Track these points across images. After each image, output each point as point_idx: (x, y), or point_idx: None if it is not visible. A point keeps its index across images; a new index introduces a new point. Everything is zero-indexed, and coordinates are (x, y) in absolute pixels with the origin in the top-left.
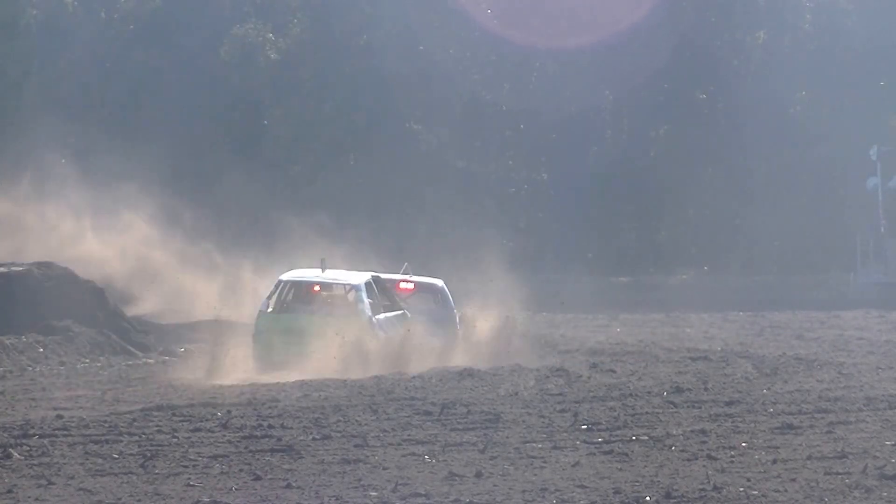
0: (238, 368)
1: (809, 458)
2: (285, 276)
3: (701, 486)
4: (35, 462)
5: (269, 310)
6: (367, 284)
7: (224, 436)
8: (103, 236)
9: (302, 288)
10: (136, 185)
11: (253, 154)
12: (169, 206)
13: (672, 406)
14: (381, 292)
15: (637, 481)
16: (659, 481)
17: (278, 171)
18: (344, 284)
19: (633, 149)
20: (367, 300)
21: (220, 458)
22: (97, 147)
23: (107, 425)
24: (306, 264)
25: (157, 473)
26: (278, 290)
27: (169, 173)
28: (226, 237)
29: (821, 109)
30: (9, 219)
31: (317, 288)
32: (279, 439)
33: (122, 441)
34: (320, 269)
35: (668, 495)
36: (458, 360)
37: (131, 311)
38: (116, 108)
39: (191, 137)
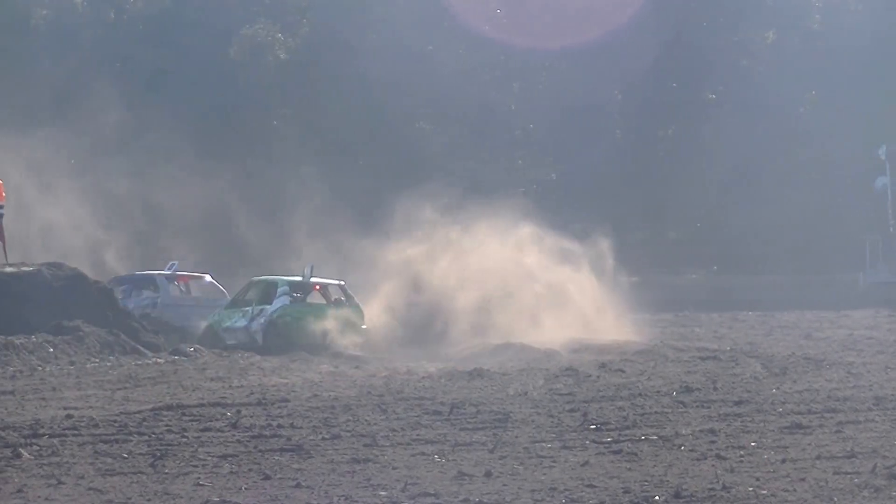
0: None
1: (818, 457)
2: (287, 278)
3: (710, 486)
4: (45, 462)
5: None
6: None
7: (234, 435)
8: (108, 232)
9: (307, 287)
10: (145, 185)
11: (262, 154)
12: (178, 205)
13: (681, 406)
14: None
15: (646, 481)
16: (668, 481)
17: (287, 171)
18: (333, 284)
19: (642, 148)
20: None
21: (230, 458)
22: (106, 147)
23: (117, 425)
24: (326, 264)
25: (166, 473)
26: (288, 289)
27: (177, 173)
28: (235, 237)
29: (830, 109)
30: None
31: (317, 287)
32: (289, 439)
33: (131, 441)
34: (304, 273)
35: (677, 495)
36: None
37: None
38: (125, 107)
39: (199, 137)
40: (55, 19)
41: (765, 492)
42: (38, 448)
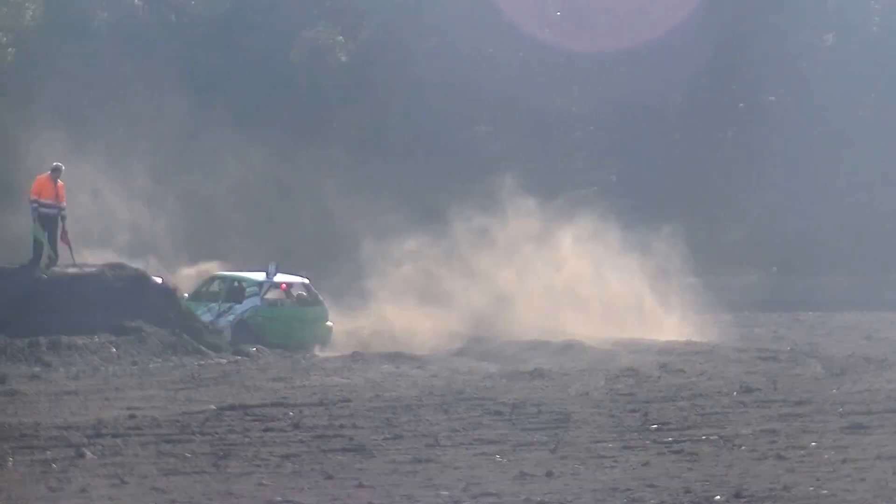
0: None
1: (878, 457)
2: (253, 276)
3: (770, 486)
4: (108, 461)
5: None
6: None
7: (296, 435)
8: (167, 231)
9: (273, 286)
10: (204, 186)
11: (321, 156)
12: (237, 205)
13: (741, 406)
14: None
15: (707, 481)
16: (728, 481)
17: (348, 174)
18: (298, 283)
19: (702, 150)
20: None
21: (292, 458)
22: (165, 148)
23: (179, 425)
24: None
25: (229, 473)
26: (258, 289)
27: (237, 174)
28: (294, 237)
29: (889, 111)
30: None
31: (284, 286)
32: (351, 439)
33: (194, 440)
34: (269, 271)
35: (737, 495)
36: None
37: None
38: (185, 110)
39: (259, 140)
40: (116, 22)
41: (825, 492)
42: (101, 448)
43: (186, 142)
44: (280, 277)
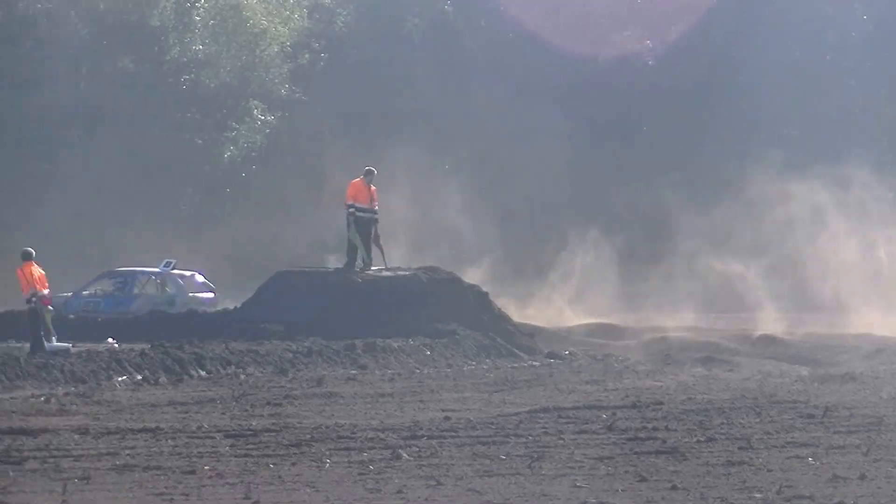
0: None
1: None
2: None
3: None
4: (424, 462)
5: None
6: None
7: (609, 438)
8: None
9: None
10: (518, 193)
11: (628, 161)
12: (550, 211)
13: None
14: None
15: None
16: None
17: (663, 177)
18: None
19: None
20: None
21: (606, 460)
22: (481, 153)
23: (494, 427)
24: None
25: (543, 474)
26: None
27: (555, 179)
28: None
29: None
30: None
31: None
32: (664, 441)
33: (509, 442)
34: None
35: None
36: None
37: None
38: (500, 114)
39: (571, 142)
40: (427, 26)
41: None
42: (417, 449)
43: (501, 145)
44: None
